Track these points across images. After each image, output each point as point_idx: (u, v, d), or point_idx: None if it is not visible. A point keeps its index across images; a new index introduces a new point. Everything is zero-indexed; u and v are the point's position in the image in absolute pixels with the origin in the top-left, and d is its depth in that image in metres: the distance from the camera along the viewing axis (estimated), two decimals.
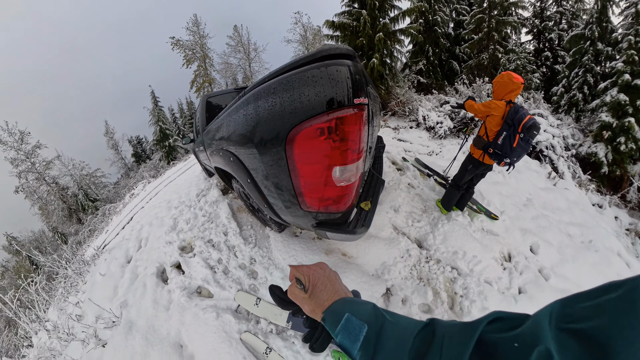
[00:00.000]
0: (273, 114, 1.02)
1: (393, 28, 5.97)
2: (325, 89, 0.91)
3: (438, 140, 4.65)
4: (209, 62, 16.61)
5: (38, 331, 2.96)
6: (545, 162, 4.22)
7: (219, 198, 2.79)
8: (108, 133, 19.88)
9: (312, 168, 1.03)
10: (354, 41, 5.87)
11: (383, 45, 5.49)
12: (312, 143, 0.97)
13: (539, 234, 2.45)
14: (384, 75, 5.96)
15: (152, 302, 1.90)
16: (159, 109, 17.92)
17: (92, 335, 1.96)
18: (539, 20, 10.62)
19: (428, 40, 9.35)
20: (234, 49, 17.42)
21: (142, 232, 3.18)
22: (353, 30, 5.84)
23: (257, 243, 2.10)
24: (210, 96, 3.08)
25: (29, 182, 13.23)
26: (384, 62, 5.92)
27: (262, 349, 1.41)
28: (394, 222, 2.25)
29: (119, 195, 12.88)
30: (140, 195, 6.94)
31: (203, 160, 3.39)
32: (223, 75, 17.85)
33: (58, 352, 2.17)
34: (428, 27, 9.31)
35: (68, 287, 3.39)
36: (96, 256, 3.73)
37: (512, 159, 1.82)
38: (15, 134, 12.67)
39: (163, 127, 17.43)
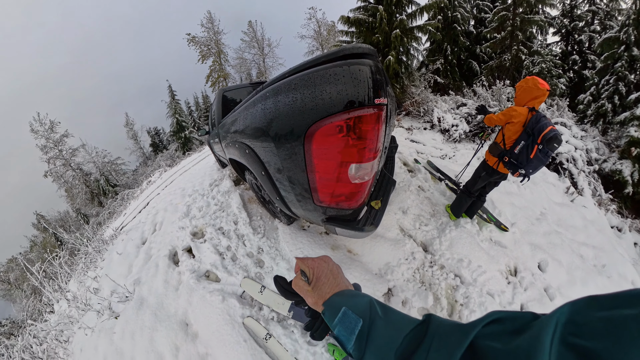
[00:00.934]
0: (293, 109, 1.04)
1: (410, 25, 5.71)
2: (347, 88, 0.93)
3: (452, 143, 4.48)
4: (223, 57, 17.04)
5: (59, 300, 3.20)
6: (565, 176, 3.91)
7: (231, 188, 2.87)
8: (128, 124, 21.06)
9: (328, 164, 1.05)
10: (370, 38, 5.55)
11: (399, 42, 5.24)
12: (331, 140, 0.99)
13: (549, 251, 2.30)
14: (399, 73, 5.74)
15: (163, 281, 1.98)
16: (176, 102, 18.69)
17: (107, 308, 2.08)
18: (568, 19, 9.60)
19: (447, 38, 8.70)
20: (248, 45, 17.73)
21: (157, 217, 3.33)
22: (368, 27, 5.62)
23: (265, 234, 2.13)
24: (226, 90, 3.14)
25: (57, 168, 14.52)
26: (400, 60, 5.63)
27: (262, 335, 1.45)
28: (401, 224, 2.22)
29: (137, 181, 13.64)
30: (156, 182, 7.29)
31: (217, 152, 3.49)
32: (237, 70, 18.25)
33: (76, 320, 2.35)
34: (447, 24, 8.66)
35: (88, 262, 3.63)
36: (114, 236, 3.98)
37: (527, 170, 1.72)
38: (46, 124, 13.93)
39: (179, 119, 18.16)
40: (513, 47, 8.25)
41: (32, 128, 13.57)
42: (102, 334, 1.92)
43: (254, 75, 19.39)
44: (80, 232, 6.50)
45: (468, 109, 4.97)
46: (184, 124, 18.17)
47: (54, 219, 18.69)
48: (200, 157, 7.56)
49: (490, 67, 8.70)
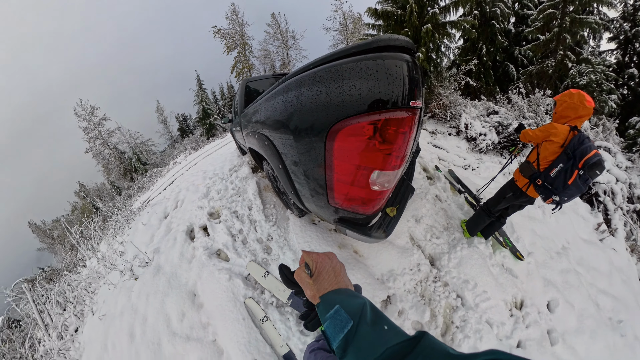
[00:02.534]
0: (317, 103, 0.95)
1: (443, 19, 5.21)
2: (380, 85, 0.82)
3: (478, 154, 4.12)
4: (248, 49, 17.42)
5: (91, 257, 3.62)
6: (598, 210, 3.37)
7: (249, 175, 2.97)
8: (159, 110, 22.95)
9: (348, 166, 0.97)
10: (398, 32, 5.13)
11: (430, 38, 4.80)
12: (355, 141, 0.90)
13: (563, 291, 2.06)
14: (427, 72, 5.33)
15: (179, 254, 2.13)
16: (203, 91, 19.78)
17: (129, 270, 2.30)
18: (629, 24, 7.84)
19: (482, 36, 7.75)
20: (272, 37, 17.84)
21: (180, 195, 3.56)
22: (397, 20, 5.18)
23: (276, 222, 2.18)
24: (249, 81, 3.19)
25: (96, 146, 16.65)
26: (430, 57, 5.16)
27: (260, 316, 1.51)
28: (412, 232, 2.12)
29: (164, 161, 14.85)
30: (181, 163, 7.81)
31: (238, 140, 3.62)
32: (262, 62, 18.55)
33: (102, 276, 2.64)
34: (484, 21, 7.69)
35: (117, 229, 4.04)
36: (141, 208, 4.35)
37: (562, 198, 1.50)
38: (87, 109, 15.95)
39: (205, 107, 19.22)
40: (558, 52, 7.11)
41: (75, 112, 15.68)
42: (122, 291, 2.14)
43: (278, 67, 19.63)
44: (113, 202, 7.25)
45: (500, 117, 4.52)
46: (209, 112, 19.19)
47: (92, 189, 21.11)
48: (222, 143, 7.92)
49: (529, 73, 7.62)
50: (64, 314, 2.74)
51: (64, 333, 2.41)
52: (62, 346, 2.18)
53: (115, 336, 1.82)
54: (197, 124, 20.47)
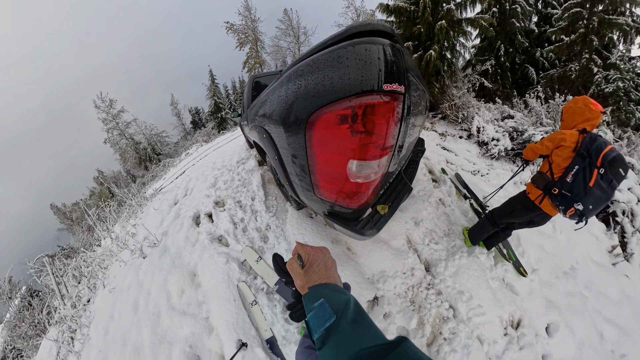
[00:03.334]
0: (298, 96, 0.97)
1: (459, 16, 4.83)
2: (350, 71, 0.80)
3: (488, 159, 3.95)
4: (260, 44, 17.58)
5: (105, 237, 3.87)
6: (614, 231, 3.07)
7: (255, 168, 3.06)
8: (173, 103, 23.96)
9: (328, 157, 0.95)
10: (410, 28, 4.94)
11: (444, 35, 4.54)
12: (331, 130, 0.88)
13: (565, 315, 1.92)
14: (440, 71, 4.96)
15: (185, 237, 2.26)
16: (215, 85, 20.40)
17: (139, 249, 2.46)
18: None
19: (501, 35, 7.19)
20: (284, 33, 17.86)
21: (190, 184, 3.72)
22: (410, 16, 4.97)
23: (276, 213, 2.25)
24: (257, 77, 3.24)
25: (114, 136, 17.71)
26: (443, 56, 4.89)
27: (250, 300, 1.59)
28: (409, 235, 2.03)
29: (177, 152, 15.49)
30: (193, 155, 8.10)
31: (246, 133, 3.73)
32: (273, 58, 18.60)
33: (115, 253, 2.83)
34: (503, 19, 7.09)
35: (130, 213, 4.28)
36: (153, 195, 4.58)
37: (586, 205, 1.26)
38: (106, 101, 17.00)
39: (217, 101, 19.81)
40: (584, 55, 6.46)
41: (95, 104, 16.77)
42: (131, 268, 2.30)
43: (289, 62, 19.84)
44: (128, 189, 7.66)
45: (515, 122, 4.32)
46: (221, 106, 19.76)
47: (109, 176, 22.32)
48: (233, 136, 8.12)
49: (550, 77, 6.96)
50: (79, 286, 2.96)
51: (77, 303, 2.61)
52: (75, 314, 2.38)
53: (122, 307, 1.97)
54: (209, 117, 21.09)
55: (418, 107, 1.37)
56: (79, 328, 2.21)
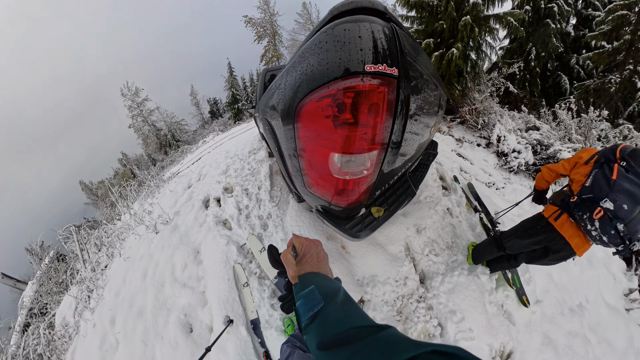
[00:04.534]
0: (291, 87, 0.93)
1: (486, 12, 4.39)
2: (329, 55, 0.72)
3: (506, 172, 3.68)
4: (278, 38, 17.72)
5: (125, 213, 4.21)
6: (635, 273, 2.74)
7: (265, 159, 3.17)
8: (192, 94, 25.16)
9: (312, 149, 0.89)
10: (432, 24, 4.55)
11: (469, 33, 4.14)
12: (313, 120, 0.82)
13: (561, 357, 1.74)
14: (463, 72, 4.58)
15: (194, 218, 2.41)
16: (233, 77, 21.08)
17: (153, 225, 2.66)
18: None
19: (533, 37, 6.38)
20: (302, 27, 17.76)
21: (203, 170, 3.92)
22: (432, 11, 4.60)
23: (278, 204, 2.32)
24: (269, 69, 3.26)
25: (138, 122, 19.15)
26: (467, 55, 4.48)
27: (242, 281, 1.68)
28: (409, 242, 1.94)
29: (195, 140, 16.30)
30: (209, 143, 8.45)
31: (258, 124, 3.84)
32: (290, 52, 18.63)
33: (132, 227, 3.07)
34: (537, 18, 6.29)
35: (149, 192, 4.60)
36: (170, 178, 4.89)
37: (616, 201, 0.98)
38: (132, 90, 18.36)
39: (235, 92, 20.54)
40: (627, 66, 5.54)
41: (122, 92, 18.20)
42: (144, 241, 2.50)
43: None
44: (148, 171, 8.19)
45: (540, 135, 3.97)
46: (238, 97, 20.46)
47: (132, 159, 24.05)
48: (247, 127, 8.34)
49: (585, 88, 5.91)
50: (99, 253, 3.27)
51: (96, 267, 2.89)
52: (93, 277, 2.64)
53: (133, 274, 2.16)
54: (226, 108, 21.91)
55: (432, 106, 1.25)
56: (95, 289, 2.45)
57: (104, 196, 18.17)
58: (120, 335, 1.77)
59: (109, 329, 1.89)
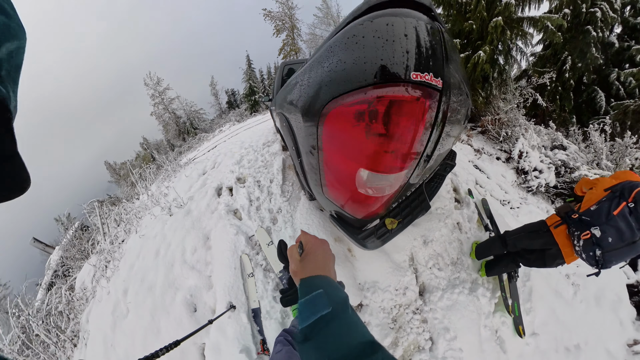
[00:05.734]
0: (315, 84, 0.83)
1: (519, 13, 4.01)
2: (366, 53, 0.62)
3: (524, 191, 3.39)
4: (296, 32, 17.63)
5: (143, 193, 4.45)
6: None
7: (278, 152, 3.19)
8: (212, 84, 26.12)
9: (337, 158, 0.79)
10: (461, 24, 4.24)
11: (499, 35, 3.79)
12: (343, 127, 0.71)
13: None
14: (489, 78, 4.28)
15: (206, 204, 2.49)
16: (251, 70, 21.62)
17: (167, 208, 2.78)
18: None
19: (570, 44, 5.58)
20: (321, 21, 17.48)
21: (218, 158, 4.03)
22: (461, 9, 4.26)
23: (289, 199, 2.34)
24: (288, 63, 3.24)
25: (159, 110, 20.01)
26: (495, 60, 4.13)
27: (248, 272, 1.74)
28: (414, 253, 1.91)
29: (212, 128, 16.97)
30: (225, 132, 8.69)
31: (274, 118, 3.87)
32: (308, 46, 18.49)
33: (149, 207, 3.25)
34: (576, 24, 5.49)
35: (166, 176, 4.82)
36: (187, 164, 5.09)
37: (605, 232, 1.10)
38: (154, 79, 19.38)
39: (252, 84, 21.05)
40: None
41: (145, 82, 19.30)
42: (159, 221, 2.63)
43: None
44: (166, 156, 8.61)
45: (566, 156, 3.61)
46: (255, 89, 20.94)
47: (152, 143, 25.50)
48: (263, 119, 8.46)
49: (624, 108, 5.10)
50: (117, 228, 3.48)
51: (115, 241, 3.09)
52: (111, 249, 2.83)
53: (147, 251, 2.28)
54: (243, 99, 22.47)
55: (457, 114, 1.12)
56: (112, 260, 2.62)
57: (126, 176, 19.42)
58: (131, 306, 1.90)
59: (121, 298, 2.03)
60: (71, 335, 2.17)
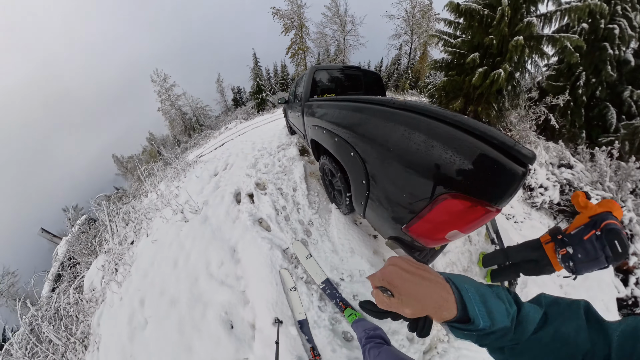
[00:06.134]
0: (430, 159, 0.99)
1: (540, 31, 4.01)
2: (489, 176, 0.86)
3: (528, 207, 3.43)
4: (305, 31, 17.47)
5: (151, 192, 4.33)
6: None
7: (296, 157, 3.07)
8: (218, 81, 26.04)
9: (438, 220, 1.04)
10: (481, 36, 4.19)
11: (520, 54, 3.85)
12: (453, 211, 0.97)
13: None
14: (503, 91, 4.32)
15: (225, 212, 2.36)
16: (258, 68, 21.38)
17: (180, 211, 2.66)
18: None
19: (586, 60, 5.54)
20: (330, 20, 17.29)
21: (230, 159, 3.91)
22: (482, 21, 4.22)
23: (318, 211, 2.25)
24: (318, 68, 3.13)
25: (165, 106, 20.08)
26: (512, 76, 4.21)
27: (290, 285, 1.68)
28: (435, 261, 2.03)
29: (217, 125, 16.85)
30: (232, 130, 8.56)
31: (291, 120, 3.72)
32: (317, 45, 18.39)
33: (159, 209, 3.11)
34: (593, 40, 5.47)
35: (175, 175, 4.68)
36: (195, 162, 4.96)
37: (575, 252, 1.54)
38: (161, 76, 19.40)
39: (259, 82, 20.85)
40: None
41: (152, 79, 19.38)
42: (173, 227, 2.49)
43: (332, 51, 19.29)
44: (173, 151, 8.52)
45: (572, 175, 3.60)
46: (262, 87, 20.79)
47: (159, 138, 25.44)
48: (271, 118, 8.33)
49: (633, 129, 4.92)
50: (126, 228, 3.37)
51: (124, 241, 2.98)
52: (120, 251, 2.72)
53: (162, 259, 2.16)
54: (250, 97, 22.49)
55: None
56: (122, 264, 2.50)
57: (133, 170, 19.44)
58: (152, 319, 1.78)
59: (137, 309, 1.91)
60: (81, 337, 2.10)
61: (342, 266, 1.83)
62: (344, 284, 1.75)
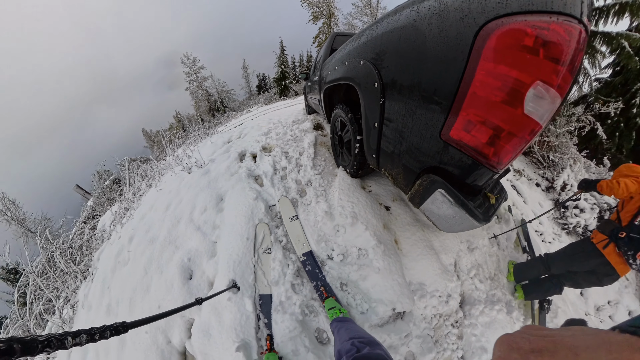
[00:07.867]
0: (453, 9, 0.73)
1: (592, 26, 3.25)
2: None
3: (558, 227, 2.96)
4: (333, 20, 16.94)
5: (170, 155, 4.59)
6: None
7: (309, 129, 2.96)
8: (244, 67, 26.94)
9: (499, 74, 0.70)
10: None
11: None
12: (515, 47, 0.66)
13: None
14: None
15: (226, 167, 2.34)
16: (284, 55, 21.62)
17: (188, 167, 2.71)
18: None
19: None
20: (360, 11, 16.26)
21: (244, 130, 3.92)
22: None
23: (322, 173, 2.08)
24: (339, 34, 2.96)
25: (193, 87, 21.76)
26: None
27: (265, 246, 1.44)
28: (458, 258, 1.70)
29: (240, 108, 17.37)
30: (253, 112, 8.78)
31: (309, 95, 3.62)
32: None
33: (172, 166, 3.24)
34: None
35: (192, 142, 4.91)
36: (213, 134, 5.14)
37: None
38: (190, 59, 20.71)
39: (284, 69, 21.16)
40: None
41: (182, 61, 20.69)
42: (177, 178, 2.57)
43: None
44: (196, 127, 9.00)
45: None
46: (286, 74, 21.04)
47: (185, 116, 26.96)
48: (292, 102, 8.32)
49: None
50: (142, 182, 3.56)
51: (137, 193, 3.13)
52: (132, 199, 2.85)
53: (159, 204, 2.21)
54: (274, 83, 22.70)
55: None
56: (130, 209, 2.62)
57: (159, 142, 21.09)
58: (132, 254, 1.81)
59: (125, 245, 1.98)
60: (84, 268, 2.23)
61: (334, 238, 1.45)
62: (331, 263, 1.38)
